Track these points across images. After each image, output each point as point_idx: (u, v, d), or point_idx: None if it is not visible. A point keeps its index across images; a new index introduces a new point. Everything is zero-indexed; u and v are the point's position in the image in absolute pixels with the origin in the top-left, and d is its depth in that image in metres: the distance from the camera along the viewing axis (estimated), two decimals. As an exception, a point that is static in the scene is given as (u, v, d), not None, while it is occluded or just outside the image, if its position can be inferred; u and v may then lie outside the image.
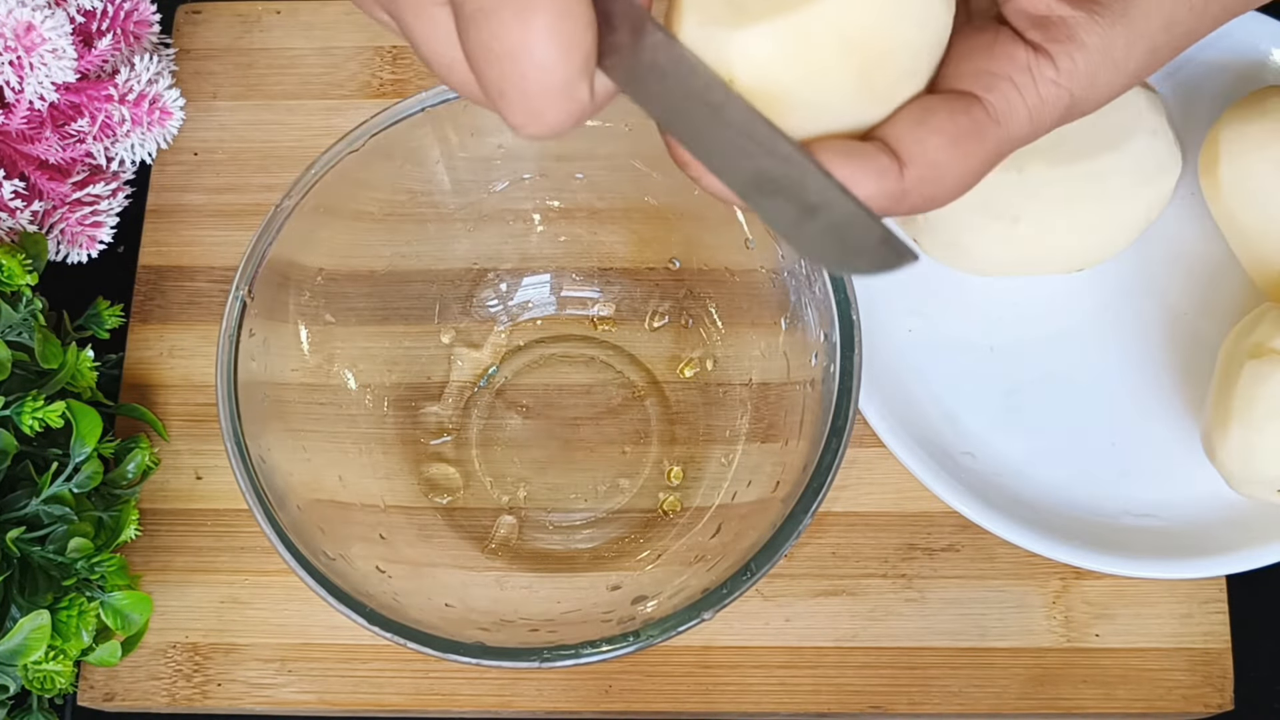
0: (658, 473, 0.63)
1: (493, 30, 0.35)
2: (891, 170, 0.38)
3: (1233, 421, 0.57)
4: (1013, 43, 0.41)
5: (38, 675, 0.55)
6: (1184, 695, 0.60)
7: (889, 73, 0.38)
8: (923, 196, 0.39)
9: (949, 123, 0.39)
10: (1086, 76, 0.41)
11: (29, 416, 0.56)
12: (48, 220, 0.65)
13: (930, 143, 0.39)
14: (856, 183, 0.38)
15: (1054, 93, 0.40)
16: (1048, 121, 0.41)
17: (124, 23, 0.65)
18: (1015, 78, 0.40)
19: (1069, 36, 0.40)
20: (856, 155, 0.38)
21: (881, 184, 0.38)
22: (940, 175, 0.39)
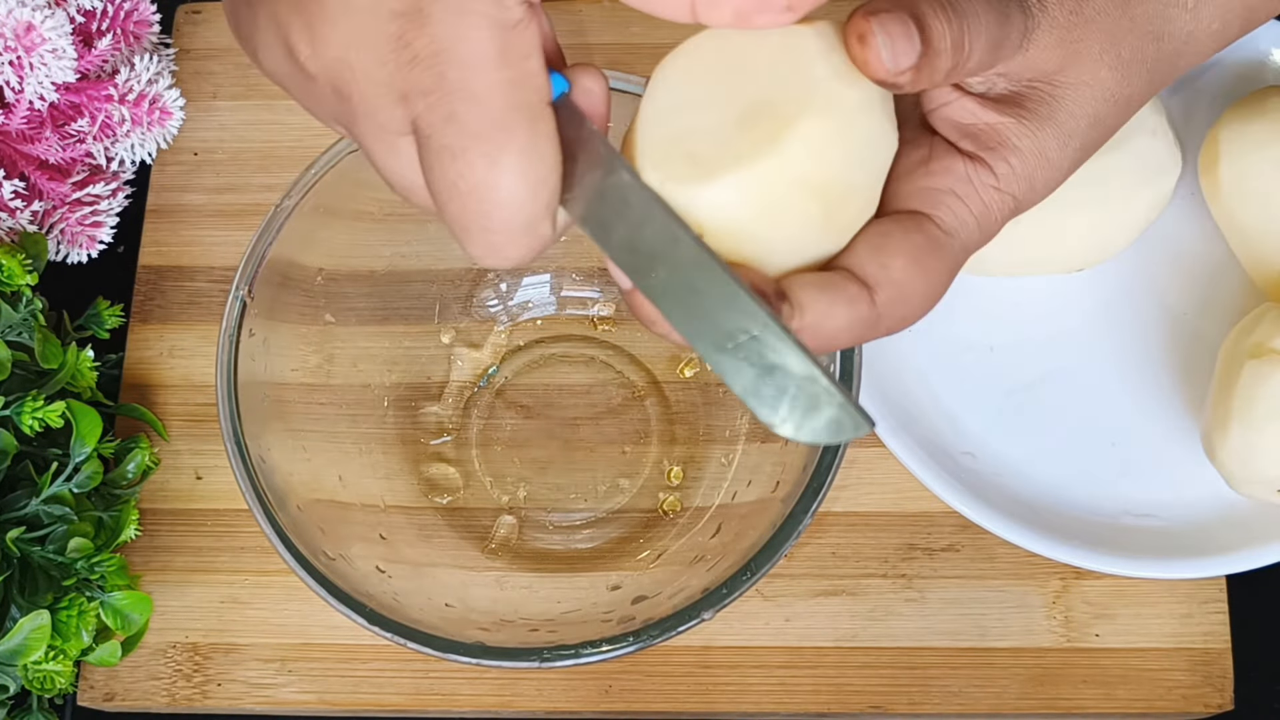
0: (658, 473, 0.63)
1: (459, 170, 0.35)
2: (862, 297, 0.39)
3: (1233, 421, 0.57)
4: (948, 155, 0.42)
5: (38, 675, 0.55)
6: (1184, 695, 0.60)
7: (850, 210, 0.39)
8: (895, 318, 0.40)
9: (905, 243, 0.40)
10: (1024, 180, 0.42)
11: (29, 416, 0.56)
12: (48, 220, 0.65)
13: (893, 266, 0.40)
14: (832, 313, 0.39)
15: (996, 198, 0.41)
16: (995, 224, 0.42)
17: (124, 22, 0.65)
18: (957, 189, 0.41)
19: (1000, 143, 0.41)
20: (829, 287, 0.39)
21: (854, 311, 0.39)
22: (907, 294, 0.40)
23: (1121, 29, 0.42)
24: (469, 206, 0.36)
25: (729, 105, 0.38)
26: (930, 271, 0.40)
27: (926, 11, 0.38)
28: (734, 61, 0.39)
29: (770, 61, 0.38)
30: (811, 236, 0.39)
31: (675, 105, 0.39)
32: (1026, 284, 0.65)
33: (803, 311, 0.38)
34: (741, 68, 0.38)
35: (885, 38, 0.37)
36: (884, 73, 0.37)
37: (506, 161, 0.35)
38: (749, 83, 0.38)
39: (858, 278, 0.39)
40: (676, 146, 0.38)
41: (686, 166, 0.38)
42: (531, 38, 0.35)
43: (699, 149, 0.38)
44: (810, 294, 0.39)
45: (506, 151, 0.35)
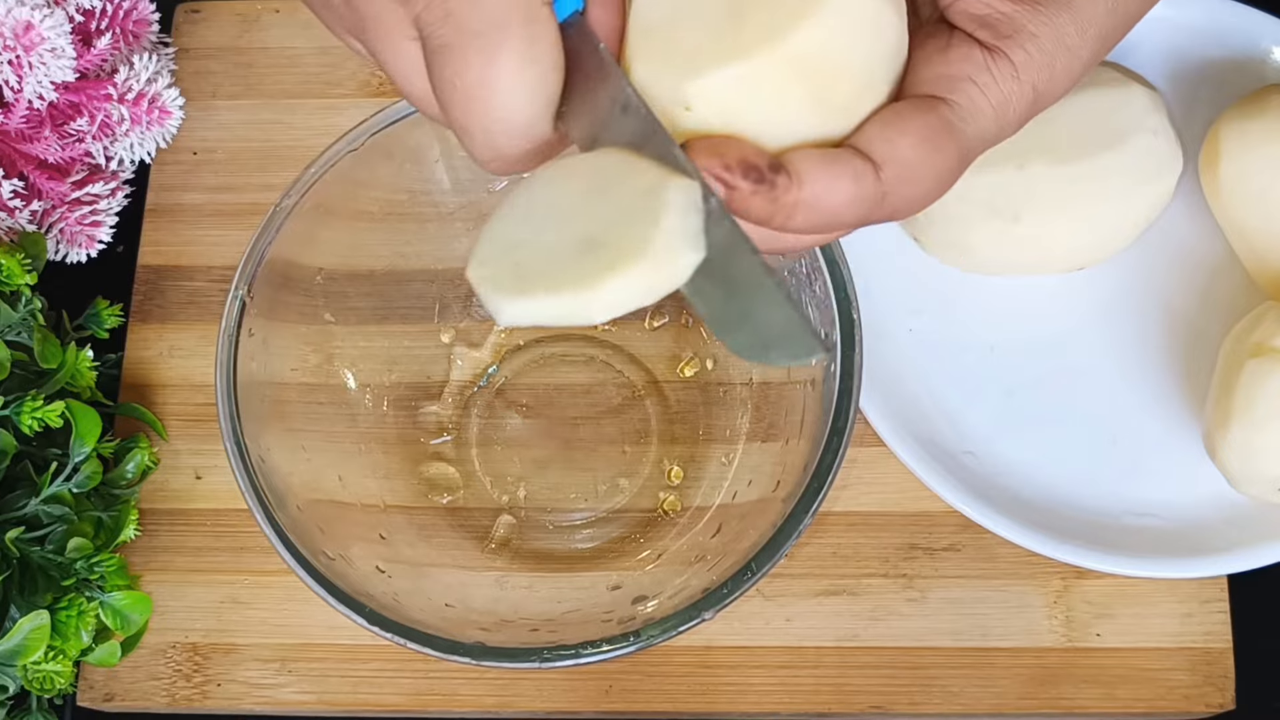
0: (658, 472, 0.63)
1: (456, 68, 0.35)
2: (867, 172, 0.38)
3: (1234, 421, 0.57)
4: (967, 44, 0.41)
5: (37, 675, 0.55)
6: (1185, 695, 0.60)
7: (844, 89, 0.38)
8: (902, 197, 0.39)
9: (917, 123, 0.39)
10: (1044, 67, 0.41)
11: (28, 416, 0.56)
12: (47, 220, 0.65)
13: (901, 143, 0.39)
14: (835, 186, 0.38)
15: (1015, 88, 0.41)
16: (1014, 117, 0.41)
17: (123, 22, 0.65)
18: (976, 78, 0.40)
19: (1018, 29, 0.41)
20: (831, 160, 0.38)
21: (859, 186, 0.38)
22: (915, 174, 0.39)
23: None
24: (468, 105, 0.36)
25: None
26: (940, 152, 0.40)
27: None
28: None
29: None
30: (807, 118, 0.38)
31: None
32: (1027, 283, 0.65)
33: (801, 182, 0.38)
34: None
35: None
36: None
37: (503, 58, 0.35)
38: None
39: (863, 153, 0.39)
40: (668, 36, 0.38)
41: (676, 56, 0.37)
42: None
43: (690, 36, 0.37)
44: (810, 165, 0.38)
45: (503, 49, 0.35)
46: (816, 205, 0.38)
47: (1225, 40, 0.67)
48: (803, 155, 0.38)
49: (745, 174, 0.37)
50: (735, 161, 0.37)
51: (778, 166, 0.37)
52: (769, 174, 0.37)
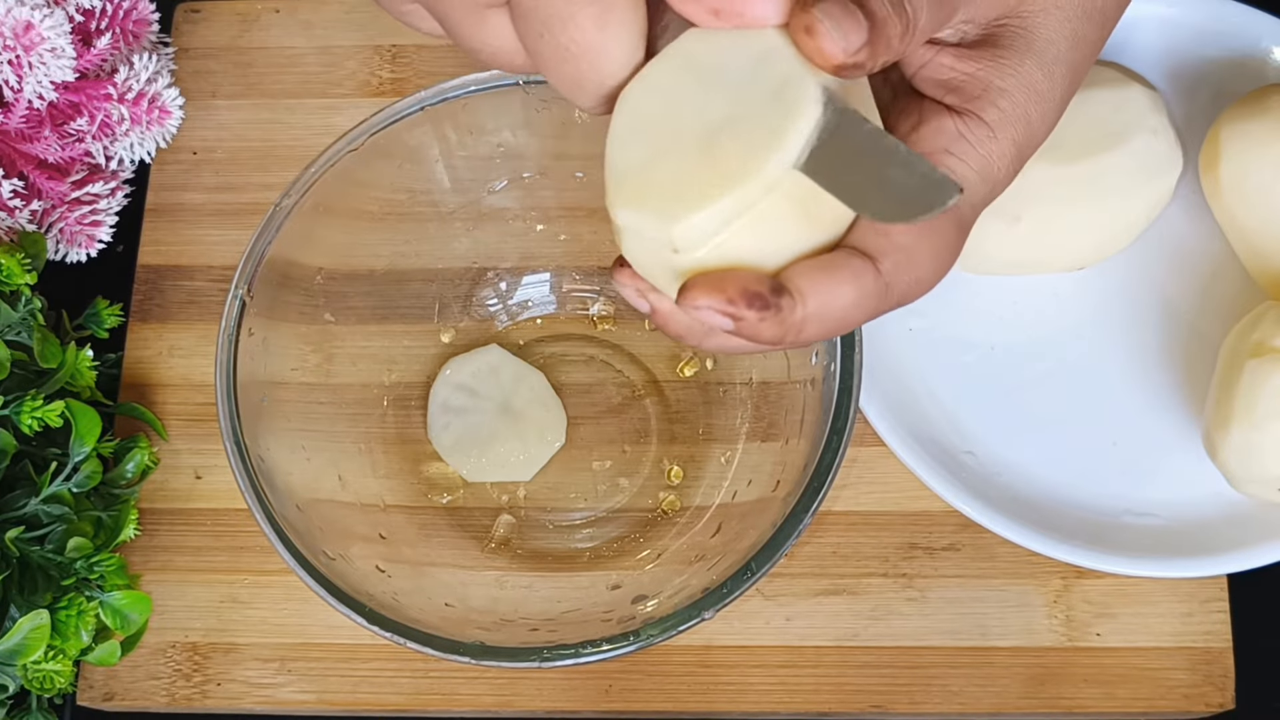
0: (658, 472, 0.63)
1: (571, 35, 0.37)
2: (866, 269, 0.39)
3: (1234, 420, 0.57)
4: (938, 115, 0.41)
5: (37, 675, 0.55)
6: (1185, 694, 0.60)
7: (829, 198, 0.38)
8: (906, 284, 0.40)
9: None
10: (1019, 120, 0.41)
11: (28, 416, 0.56)
12: (46, 219, 0.65)
13: (894, 231, 0.39)
14: (837, 293, 0.38)
15: (994, 147, 0.41)
16: (1001, 175, 0.41)
17: (123, 21, 0.65)
18: (952, 148, 0.41)
19: (985, 88, 0.41)
20: (829, 267, 0.39)
21: (860, 284, 0.39)
22: (914, 259, 0.40)
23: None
24: (583, 68, 0.38)
25: (696, 124, 0.38)
26: (935, 232, 0.40)
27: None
28: (697, 74, 0.38)
29: (734, 70, 0.38)
30: (802, 235, 0.39)
31: (642, 130, 0.39)
32: (1027, 283, 0.65)
33: (804, 298, 0.38)
34: (704, 81, 0.38)
35: (831, 22, 0.37)
36: (840, 57, 0.37)
37: (613, 21, 0.37)
38: (714, 97, 0.38)
39: (859, 251, 0.39)
40: (647, 178, 0.38)
41: (660, 201, 0.38)
42: None
43: (668, 176, 0.38)
44: (810, 278, 0.38)
45: (612, 12, 0.37)
46: (824, 315, 0.39)
47: (1225, 40, 0.67)
48: (800, 270, 0.38)
49: (749, 304, 0.38)
50: (738, 294, 0.38)
51: (779, 288, 0.38)
52: (772, 298, 0.38)
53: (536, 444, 0.63)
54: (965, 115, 0.41)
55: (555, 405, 0.63)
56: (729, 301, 0.38)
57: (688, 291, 0.38)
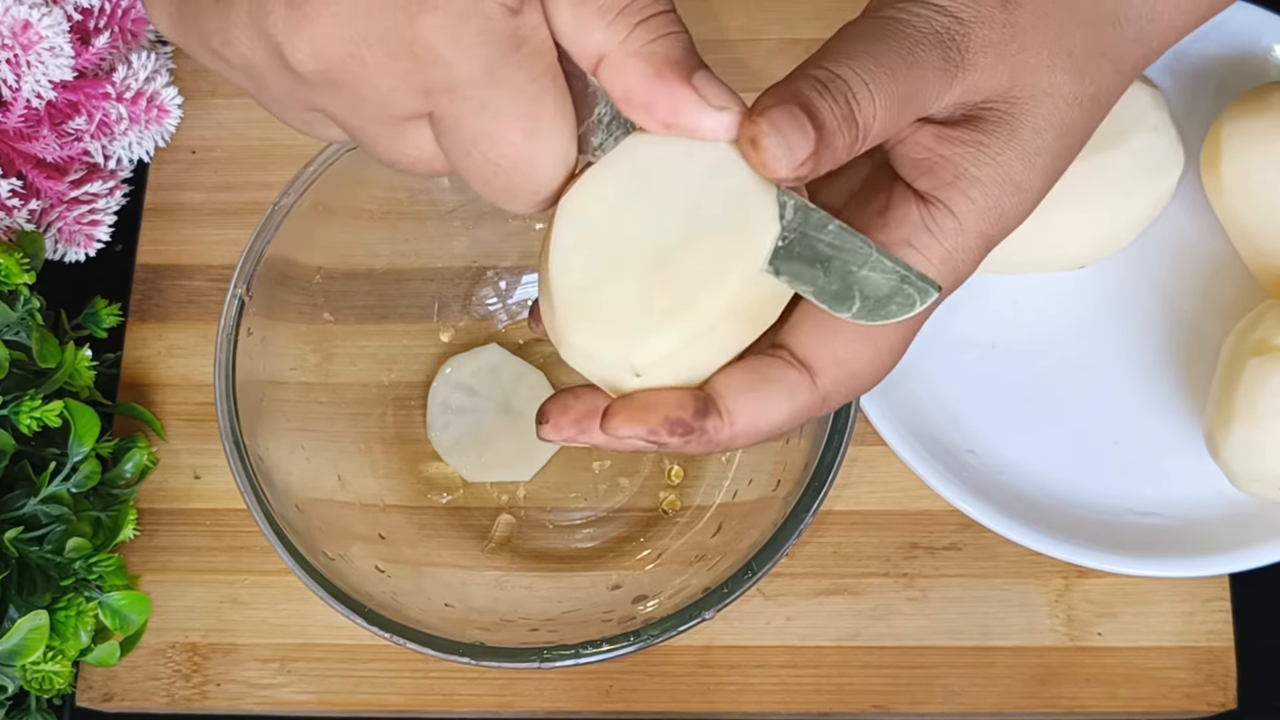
0: (658, 471, 0.63)
1: (501, 150, 0.36)
2: (802, 384, 0.39)
3: (1235, 419, 0.57)
4: (904, 202, 0.39)
5: (36, 676, 0.55)
6: (1187, 694, 0.60)
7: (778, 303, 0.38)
8: (841, 395, 0.39)
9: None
10: (991, 210, 0.39)
11: (26, 416, 0.56)
12: (45, 219, 0.64)
13: (836, 345, 0.38)
14: (769, 409, 0.38)
15: (960, 240, 0.39)
16: (965, 268, 0.40)
17: (121, 20, 0.65)
18: (914, 240, 0.39)
19: (959, 175, 0.39)
20: (762, 384, 0.38)
21: (794, 401, 0.38)
22: (854, 370, 0.39)
23: (1067, 26, 0.40)
24: (515, 180, 0.37)
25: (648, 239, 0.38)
26: (879, 341, 0.39)
27: (810, 95, 0.37)
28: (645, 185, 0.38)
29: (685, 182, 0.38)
30: (746, 338, 0.39)
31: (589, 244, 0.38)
32: (1028, 282, 0.65)
33: (733, 419, 0.38)
34: (653, 192, 0.38)
35: (777, 135, 0.36)
36: (786, 170, 0.36)
37: (540, 133, 0.36)
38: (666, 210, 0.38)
39: (797, 360, 0.39)
40: (598, 301, 0.38)
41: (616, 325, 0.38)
42: (533, 10, 0.35)
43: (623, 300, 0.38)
44: (740, 397, 0.38)
45: (540, 121, 0.36)
46: (754, 430, 0.38)
47: (1227, 38, 0.67)
48: (730, 387, 0.38)
49: (671, 431, 0.38)
50: (659, 423, 0.38)
51: (705, 409, 0.38)
52: (696, 422, 0.38)
53: (536, 444, 0.63)
54: (933, 204, 0.39)
55: None
56: (651, 432, 0.38)
57: (609, 420, 0.38)
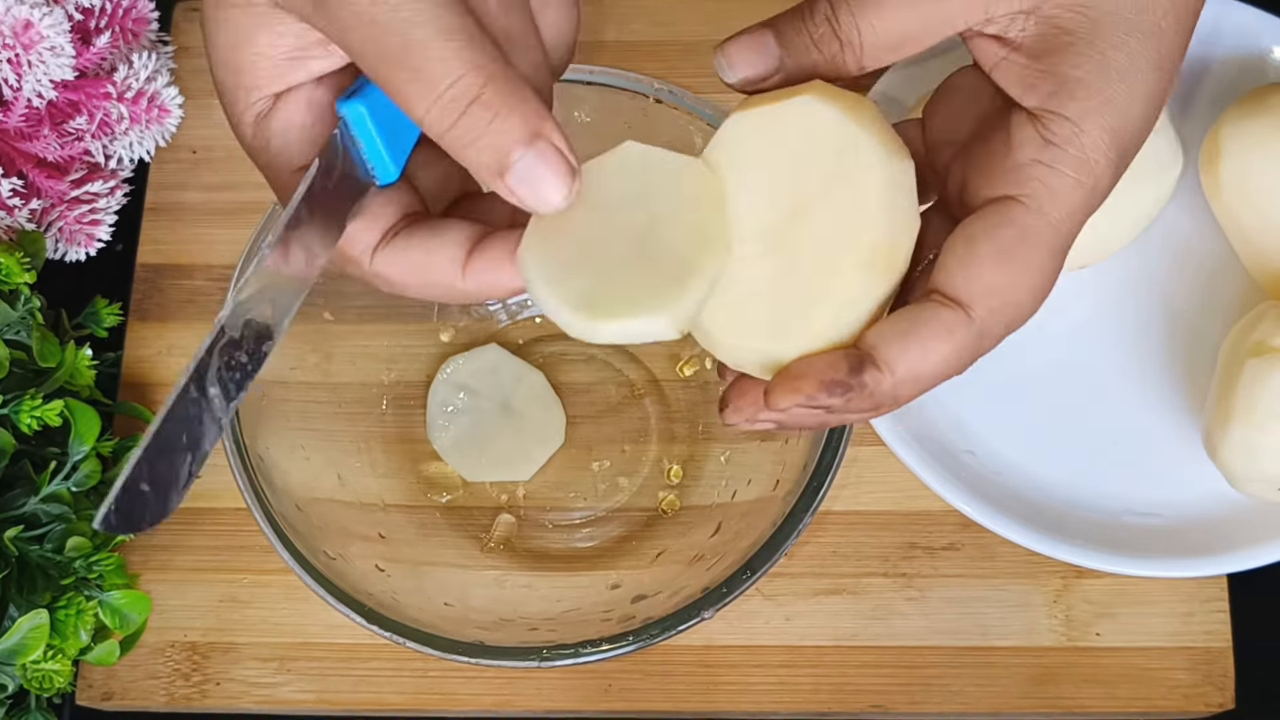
0: (657, 471, 0.63)
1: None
2: (958, 323, 0.38)
3: (1234, 420, 0.57)
4: (1022, 126, 0.39)
5: (36, 674, 0.55)
6: (1185, 694, 0.60)
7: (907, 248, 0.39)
8: (1001, 325, 0.38)
9: (992, 245, 0.38)
10: (1105, 104, 0.38)
11: (27, 415, 0.56)
12: (46, 218, 0.64)
13: (984, 273, 0.38)
14: (928, 353, 0.37)
15: (1087, 142, 0.38)
16: (1101, 171, 0.38)
17: (122, 20, 0.65)
18: (1041, 157, 0.38)
19: (1061, 82, 0.38)
20: (916, 329, 0.37)
21: (953, 341, 0.38)
22: (1009, 298, 0.38)
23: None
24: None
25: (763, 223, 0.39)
26: (1029, 262, 0.38)
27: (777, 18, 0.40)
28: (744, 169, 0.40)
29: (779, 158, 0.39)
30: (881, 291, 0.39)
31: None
32: (1027, 282, 0.65)
33: (892, 368, 0.37)
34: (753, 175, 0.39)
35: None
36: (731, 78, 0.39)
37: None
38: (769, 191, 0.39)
39: (949, 298, 0.38)
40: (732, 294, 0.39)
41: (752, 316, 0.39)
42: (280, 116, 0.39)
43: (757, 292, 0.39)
44: (896, 348, 0.37)
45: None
46: (916, 378, 0.38)
47: (1226, 39, 0.67)
48: (884, 336, 0.38)
49: (830, 392, 0.37)
50: (816, 388, 0.37)
51: (860, 364, 0.37)
52: (855, 379, 0.37)
53: (536, 444, 0.63)
54: (1046, 117, 0.38)
55: (554, 405, 0.63)
56: (809, 398, 0.37)
57: (771, 396, 0.38)
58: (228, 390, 0.36)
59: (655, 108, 0.56)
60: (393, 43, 0.36)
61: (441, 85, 0.36)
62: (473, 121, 0.36)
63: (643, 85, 0.56)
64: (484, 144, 0.36)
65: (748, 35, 0.40)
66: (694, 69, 0.66)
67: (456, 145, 0.37)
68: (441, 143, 0.37)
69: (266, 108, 0.40)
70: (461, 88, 0.36)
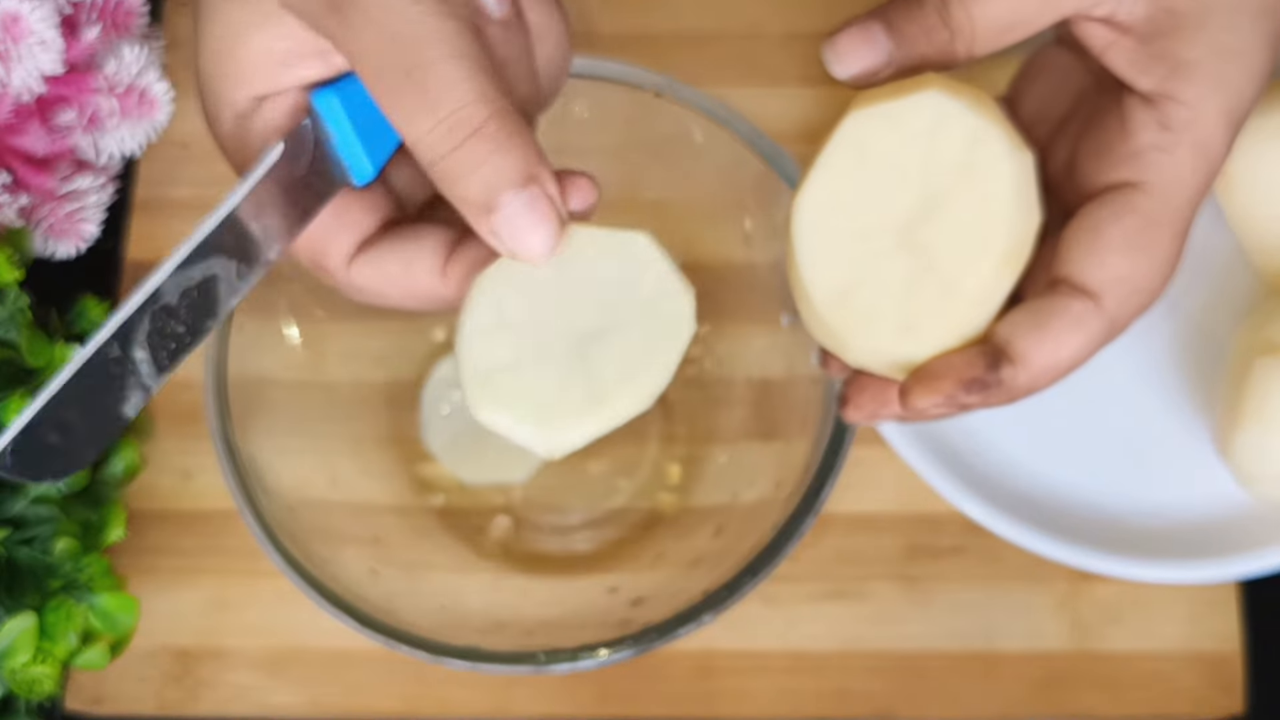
0: (657, 472, 0.62)
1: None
2: (1089, 312, 0.38)
3: (1245, 420, 0.56)
4: (1136, 110, 0.39)
5: (24, 679, 0.55)
6: (1194, 699, 0.59)
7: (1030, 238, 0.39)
8: (1131, 313, 0.39)
9: (1118, 231, 0.38)
10: (1219, 87, 0.39)
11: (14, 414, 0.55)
12: (34, 215, 0.64)
13: (1111, 261, 0.38)
14: (1061, 346, 0.38)
15: (1205, 125, 0.39)
16: (1218, 149, 0.39)
17: (112, 13, 0.65)
18: (1158, 142, 0.39)
19: (1173, 67, 0.39)
20: (1048, 321, 0.38)
21: (1084, 330, 0.38)
22: (1138, 285, 0.39)
23: None
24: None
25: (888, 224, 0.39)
26: (1154, 248, 0.39)
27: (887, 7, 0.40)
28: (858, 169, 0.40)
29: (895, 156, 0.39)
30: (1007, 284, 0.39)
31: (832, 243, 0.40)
32: (1033, 280, 0.64)
33: (1028, 363, 0.38)
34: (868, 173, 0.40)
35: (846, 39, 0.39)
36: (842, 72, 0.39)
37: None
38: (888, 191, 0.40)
39: (1079, 288, 0.38)
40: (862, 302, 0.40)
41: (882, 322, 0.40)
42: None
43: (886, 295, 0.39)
44: (1030, 342, 0.38)
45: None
46: (1052, 369, 0.39)
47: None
48: (1018, 331, 0.38)
49: (970, 390, 0.38)
50: (956, 387, 0.38)
51: (996, 360, 0.38)
52: (992, 376, 0.38)
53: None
54: (1161, 102, 0.39)
55: None
56: (949, 398, 0.38)
57: (908, 395, 0.39)
58: (158, 358, 0.36)
59: (655, 102, 0.55)
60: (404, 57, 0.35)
61: (444, 110, 0.36)
62: (469, 153, 0.36)
63: (641, 78, 0.55)
64: (476, 179, 0.36)
65: (858, 28, 0.40)
66: (692, 62, 0.66)
67: (448, 175, 0.37)
68: (432, 169, 0.37)
69: (250, 109, 0.40)
70: (465, 115, 0.36)
